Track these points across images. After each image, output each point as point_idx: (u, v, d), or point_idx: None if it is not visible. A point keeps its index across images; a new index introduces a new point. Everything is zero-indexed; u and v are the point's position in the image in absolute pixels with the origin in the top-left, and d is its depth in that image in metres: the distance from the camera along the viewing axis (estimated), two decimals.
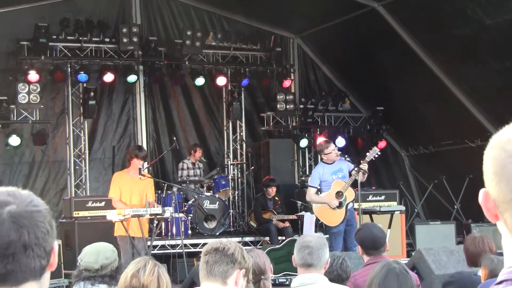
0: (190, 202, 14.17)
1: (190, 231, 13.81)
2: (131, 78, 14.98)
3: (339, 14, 14.93)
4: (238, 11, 16.26)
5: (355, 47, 15.42)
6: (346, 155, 11.92)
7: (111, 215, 10.29)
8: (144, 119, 15.72)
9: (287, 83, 16.49)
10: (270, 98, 16.67)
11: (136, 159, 10.69)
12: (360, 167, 10.59)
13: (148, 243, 10.55)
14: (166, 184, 13.25)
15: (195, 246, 13.43)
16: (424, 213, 16.11)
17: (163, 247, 13.04)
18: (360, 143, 16.67)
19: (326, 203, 10.72)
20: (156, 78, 15.35)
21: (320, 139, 13.68)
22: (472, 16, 12.46)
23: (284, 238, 13.14)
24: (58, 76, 14.46)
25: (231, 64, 16.30)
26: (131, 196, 10.64)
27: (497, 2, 12.28)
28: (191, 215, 13.90)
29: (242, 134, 16.62)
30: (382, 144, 15.89)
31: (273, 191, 14.16)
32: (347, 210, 10.82)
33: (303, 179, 15.32)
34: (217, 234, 13.96)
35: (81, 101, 14.99)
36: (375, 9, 14.01)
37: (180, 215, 13.30)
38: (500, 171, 1.49)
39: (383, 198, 13.94)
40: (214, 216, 14.04)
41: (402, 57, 14.50)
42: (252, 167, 15.93)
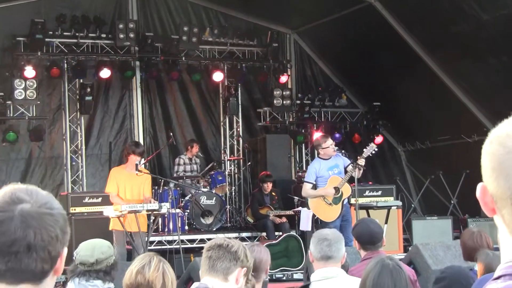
0: (187, 198, 14.16)
1: (187, 227, 13.79)
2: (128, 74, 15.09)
3: (336, 9, 14.91)
4: (234, 6, 16.24)
5: (351, 43, 15.41)
6: (343, 150, 11.93)
7: (108, 211, 10.29)
8: (140, 114, 15.71)
9: (283, 78, 16.48)
10: (267, 93, 16.66)
11: (133, 155, 10.68)
12: (357, 163, 10.58)
13: (146, 239, 10.53)
14: (163, 180, 13.24)
15: (192, 241, 13.45)
16: (421, 208, 16.11)
17: (160, 242, 13.03)
18: (357, 138, 16.68)
19: (323, 196, 10.72)
20: (153, 74, 15.33)
21: (317, 134, 13.67)
22: (469, 12, 12.45)
23: (281, 233, 13.12)
24: (55, 72, 14.44)
25: (228, 60, 16.28)
26: (128, 191, 10.63)
27: None
28: (188, 210, 13.88)
29: (239, 129, 16.61)
30: (378, 139, 15.92)
31: (269, 186, 14.12)
32: (343, 206, 10.83)
33: (300, 174, 15.30)
34: (214, 229, 13.96)
35: (77, 97, 14.97)
36: (371, 4, 13.99)
37: (177, 210, 13.29)
38: (499, 167, 1.47)
39: (380, 193, 13.91)
40: (211, 212, 14.03)
41: (399, 52, 14.48)
42: (249, 163, 15.94)
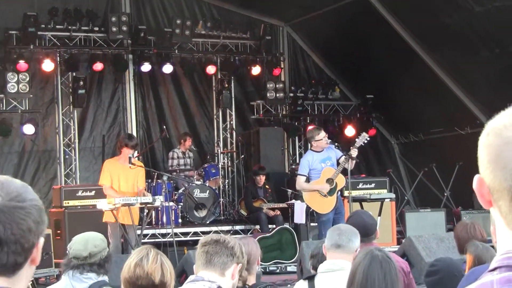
0: (181, 191, 14.16)
1: (180, 220, 13.79)
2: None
3: (329, 2, 14.90)
4: None
5: (344, 35, 15.38)
6: (336, 143, 11.93)
7: (101, 204, 10.28)
8: (134, 108, 15.69)
9: (277, 71, 16.47)
10: (260, 86, 16.64)
11: (126, 148, 10.65)
12: (349, 154, 10.59)
13: (138, 232, 10.53)
14: (156, 173, 13.24)
15: (185, 234, 13.45)
16: (414, 200, 16.14)
17: (153, 236, 13.03)
18: (350, 131, 16.68)
19: (317, 190, 10.72)
20: (146, 67, 15.28)
21: (310, 126, 13.68)
22: (462, 4, 12.45)
23: (274, 226, 13.15)
24: (47, 65, 14.40)
25: (221, 53, 16.25)
26: (122, 183, 10.61)
27: None
28: (181, 203, 13.89)
29: (232, 122, 16.60)
30: (372, 132, 15.91)
31: (261, 179, 14.12)
32: (337, 197, 10.85)
33: (293, 167, 15.31)
34: (207, 222, 13.98)
35: (70, 90, 14.93)
36: None
37: (171, 204, 13.28)
38: (496, 158, 1.46)
39: (373, 186, 13.95)
40: (205, 205, 14.04)
41: (392, 45, 14.48)
42: (242, 156, 15.94)
